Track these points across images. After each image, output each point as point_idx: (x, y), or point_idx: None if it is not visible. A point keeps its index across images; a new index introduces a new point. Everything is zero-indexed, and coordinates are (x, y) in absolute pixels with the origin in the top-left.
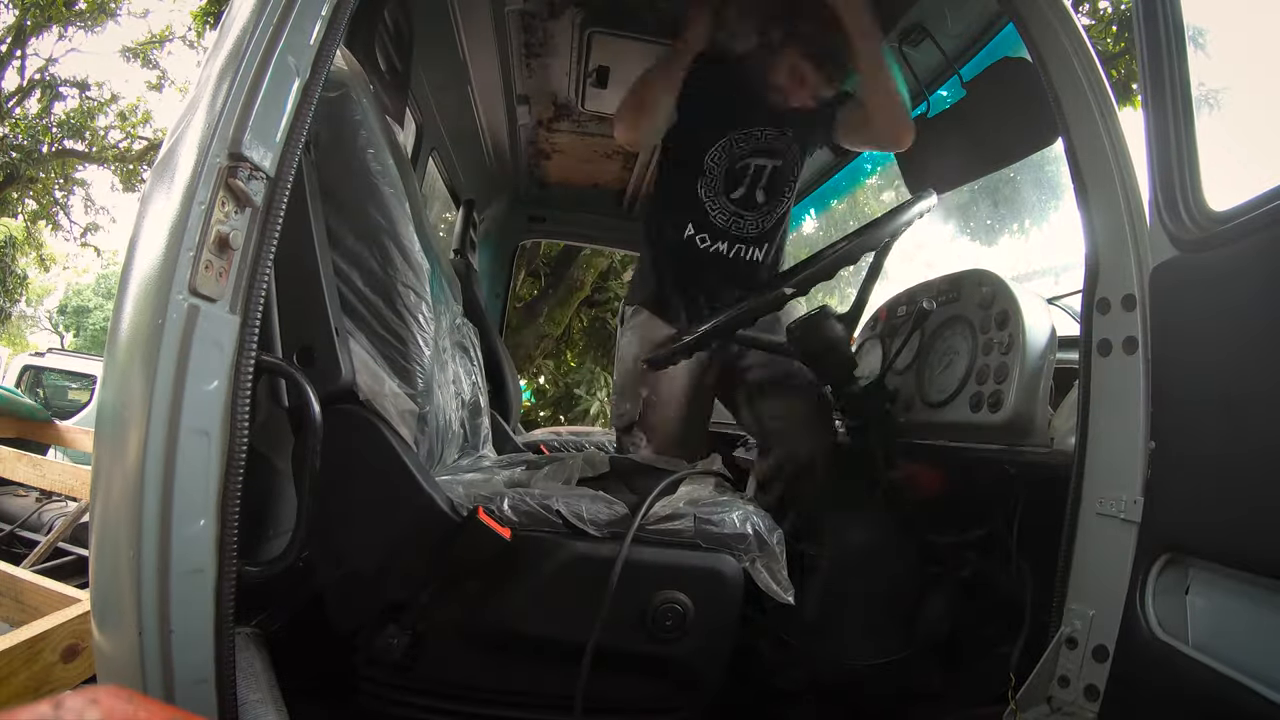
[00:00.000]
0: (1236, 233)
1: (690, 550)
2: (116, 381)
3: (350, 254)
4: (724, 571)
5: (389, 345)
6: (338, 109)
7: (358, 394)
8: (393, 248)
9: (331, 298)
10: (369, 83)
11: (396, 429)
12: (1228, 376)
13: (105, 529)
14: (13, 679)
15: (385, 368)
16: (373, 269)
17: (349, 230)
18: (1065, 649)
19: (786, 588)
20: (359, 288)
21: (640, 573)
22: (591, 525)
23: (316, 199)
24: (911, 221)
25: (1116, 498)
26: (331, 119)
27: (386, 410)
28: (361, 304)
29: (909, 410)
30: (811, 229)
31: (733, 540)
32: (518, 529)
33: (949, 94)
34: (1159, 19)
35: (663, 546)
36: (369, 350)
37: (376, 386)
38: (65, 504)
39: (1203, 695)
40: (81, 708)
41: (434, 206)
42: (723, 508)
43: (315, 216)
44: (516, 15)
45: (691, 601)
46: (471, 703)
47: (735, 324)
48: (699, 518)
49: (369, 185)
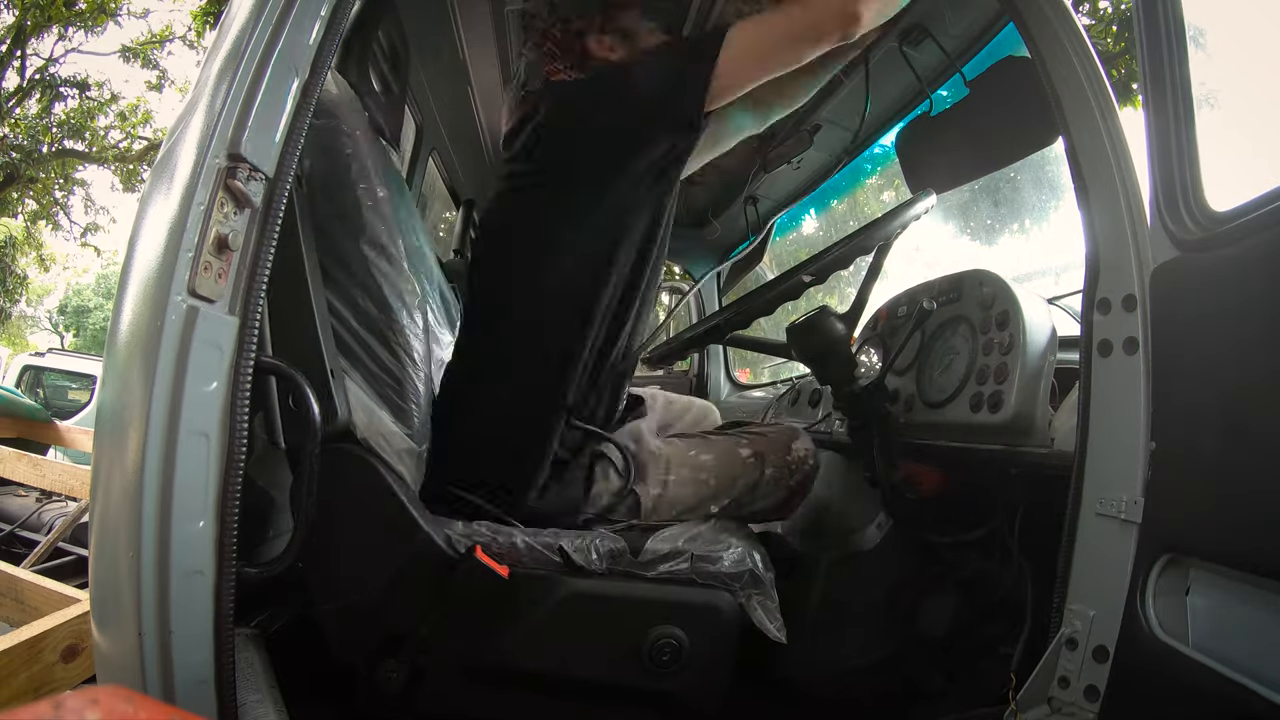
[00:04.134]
0: (1237, 233)
1: (687, 587)
2: (116, 382)
3: (344, 292)
4: (720, 607)
5: (385, 384)
6: (328, 140)
7: (355, 433)
8: (386, 284)
9: (326, 337)
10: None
11: (394, 467)
12: (1228, 377)
13: (105, 529)
14: (13, 679)
15: (382, 406)
16: (367, 307)
17: (341, 267)
18: (1065, 649)
19: (780, 627)
20: (353, 326)
21: (637, 608)
22: (592, 562)
23: (309, 236)
24: (911, 222)
25: (1117, 498)
26: (323, 151)
27: (384, 449)
28: (356, 343)
29: (909, 410)
30: (811, 229)
31: (729, 578)
32: (516, 567)
33: (950, 93)
34: (1159, 19)
35: (659, 583)
36: (365, 389)
37: (374, 425)
38: (65, 504)
39: (1203, 696)
40: (81, 708)
41: (434, 206)
42: (720, 545)
43: (308, 254)
44: (516, 15)
45: (688, 636)
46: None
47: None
48: (696, 555)
49: (361, 220)
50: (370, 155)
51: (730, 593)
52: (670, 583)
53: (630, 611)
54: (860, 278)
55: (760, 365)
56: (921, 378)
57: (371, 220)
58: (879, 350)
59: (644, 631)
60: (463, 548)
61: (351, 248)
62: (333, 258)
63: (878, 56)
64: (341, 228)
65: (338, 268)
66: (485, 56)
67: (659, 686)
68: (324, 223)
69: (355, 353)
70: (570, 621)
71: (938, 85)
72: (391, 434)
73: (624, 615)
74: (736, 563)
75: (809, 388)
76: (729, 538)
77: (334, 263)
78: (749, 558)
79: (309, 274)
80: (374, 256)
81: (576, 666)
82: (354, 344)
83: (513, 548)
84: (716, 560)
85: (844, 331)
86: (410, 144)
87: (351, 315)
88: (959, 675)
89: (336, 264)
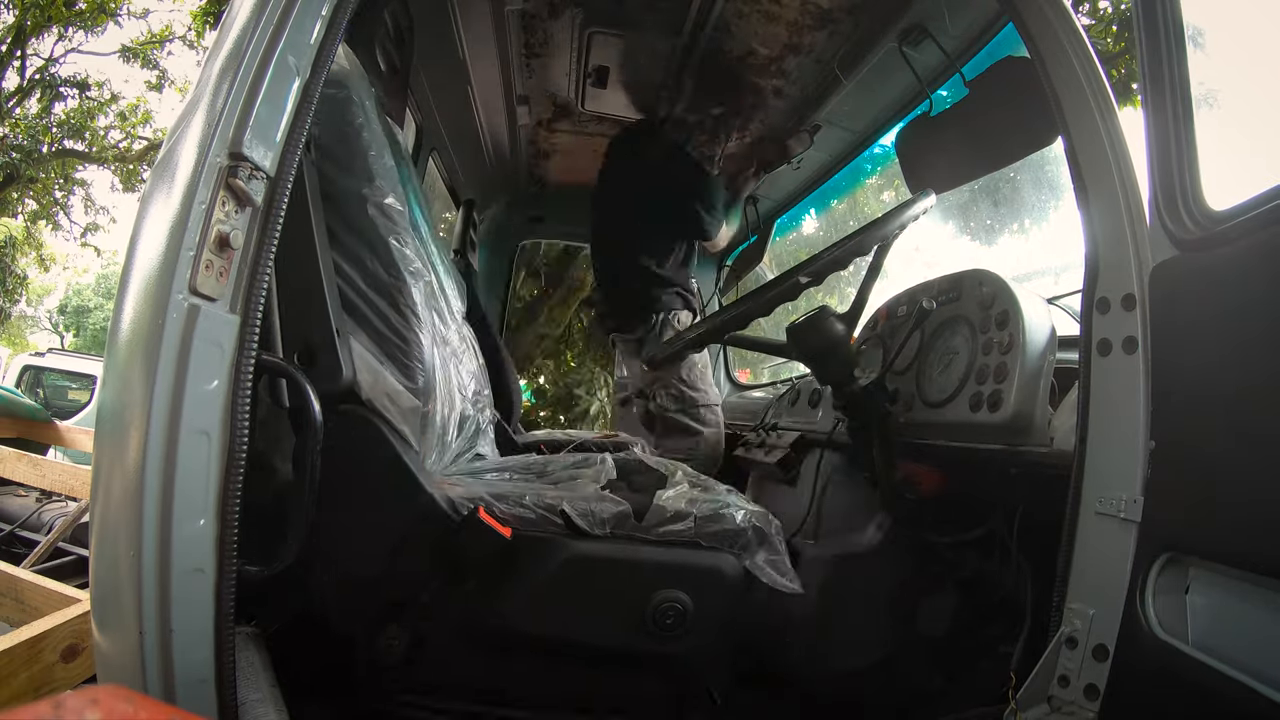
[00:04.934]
0: (1236, 232)
1: (690, 549)
2: (116, 381)
3: (351, 254)
4: (724, 569)
5: (391, 343)
6: (339, 109)
7: (359, 393)
8: (394, 246)
9: (332, 298)
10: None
11: (398, 427)
12: (1228, 376)
13: (105, 529)
14: (13, 679)
15: (387, 366)
16: (374, 268)
17: (350, 230)
18: (1065, 648)
19: (792, 578)
20: (360, 287)
21: (640, 572)
22: (593, 524)
23: (317, 199)
24: (910, 222)
25: (1116, 497)
26: (333, 119)
27: (388, 409)
28: (363, 302)
29: (909, 410)
30: (811, 229)
31: (733, 537)
32: (519, 528)
33: (950, 93)
34: (1159, 19)
35: (663, 546)
36: (370, 349)
37: (378, 385)
38: (65, 504)
39: (1203, 695)
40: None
41: (434, 206)
42: (723, 506)
43: (316, 217)
44: (516, 15)
45: (692, 600)
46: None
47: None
48: (699, 517)
49: (371, 185)
50: (379, 124)
51: (734, 555)
52: (674, 545)
53: (633, 574)
54: (860, 278)
55: (760, 365)
56: (921, 377)
57: (381, 185)
58: (879, 350)
59: (647, 595)
60: (465, 509)
61: (359, 210)
62: (341, 221)
63: (878, 56)
64: (351, 192)
65: (345, 230)
66: (485, 56)
67: (662, 650)
68: (332, 187)
69: (363, 313)
70: (573, 584)
71: (938, 85)
72: (397, 393)
73: (627, 578)
74: (740, 522)
75: (809, 388)
76: (732, 498)
77: (342, 226)
78: (753, 516)
79: (316, 237)
80: (381, 220)
81: (579, 630)
82: (362, 304)
83: (515, 509)
84: (720, 519)
85: (844, 331)
86: (410, 144)
87: (359, 276)
88: (959, 675)
89: (344, 227)
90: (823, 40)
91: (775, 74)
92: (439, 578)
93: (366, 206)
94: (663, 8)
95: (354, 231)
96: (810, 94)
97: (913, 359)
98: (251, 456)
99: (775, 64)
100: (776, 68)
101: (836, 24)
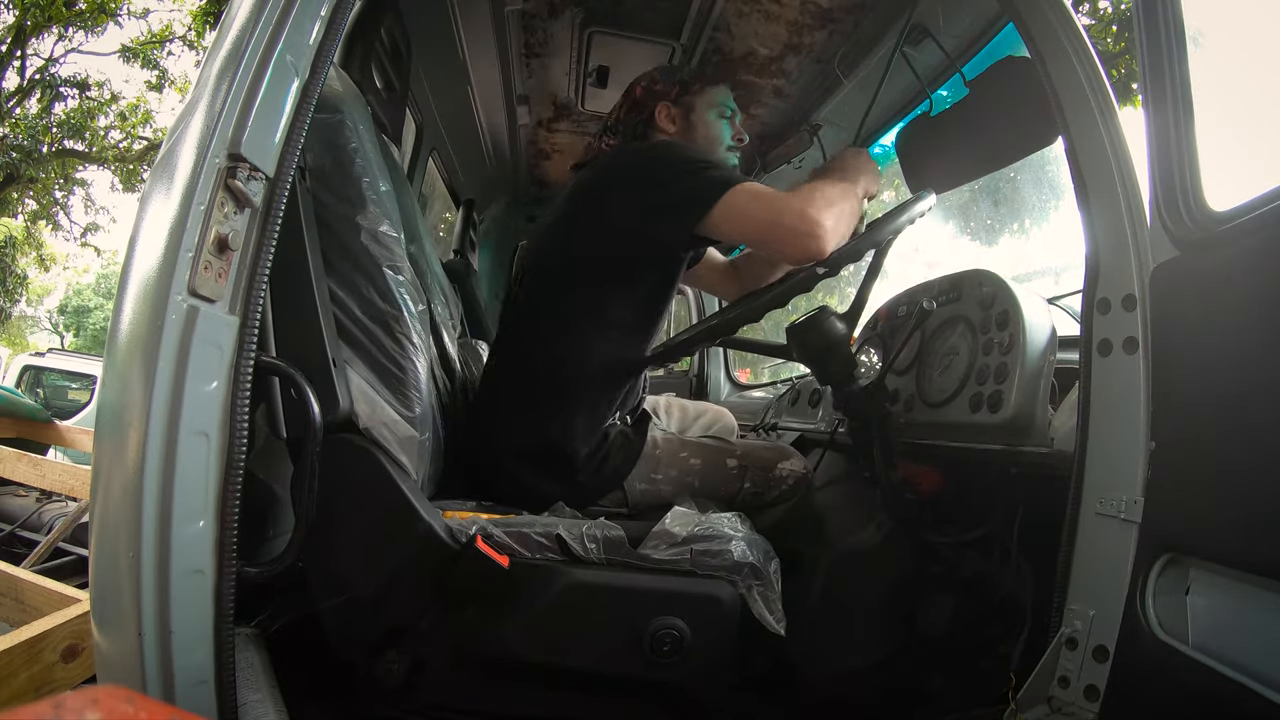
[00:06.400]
0: (1237, 233)
1: (687, 577)
2: (116, 382)
3: (347, 282)
4: (721, 598)
5: (387, 373)
6: (332, 135)
7: (356, 423)
8: (389, 274)
9: (328, 327)
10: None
11: (396, 456)
12: (1228, 376)
13: (105, 529)
14: (13, 679)
15: (384, 395)
16: (370, 296)
17: (345, 257)
18: (1065, 649)
19: (780, 618)
20: (356, 315)
21: (637, 599)
22: (589, 550)
23: (312, 227)
24: (910, 222)
25: (1116, 498)
26: (327, 146)
27: (386, 438)
28: (360, 331)
29: (909, 410)
30: None
31: (730, 570)
32: (516, 556)
33: (950, 93)
34: (1159, 19)
35: (660, 574)
36: (367, 378)
37: (376, 414)
38: (65, 504)
39: (1203, 695)
40: (81, 708)
41: (434, 206)
42: (721, 537)
43: (311, 246)
44: (516, 15)
45: (689, 627)
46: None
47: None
48: (697, 547)
49: (365, 212)
50: (373, 149)
51: (731, 584)
52: (671, 573)
53: (631, 602)
54: (860, 278)
55: (760, 365)
56: (921, 378)
57: (375, 212)
58: (879, 350)
59: (645, 622)
60: (464, 538)
61: (354, 238)
62: (336, 248)
63: (878, 56)
64: (345, 219)
65: (341, 258)
66: (485, 56)
67: (660, 677)
68: (327, 214)
69: (359, 341)
70: (571, 611)
71: (938, 85)
72: (394, 422)
73: (625, 605)
74: (738, 555)
75: (809, 388)
76: (731, 529)
77: (337, 253)
78: (751, 550)
79: (311, 265)
80: (376, 247)
81: (577, 657)
82: (358, 332)
83: (512, 538)
84: (718, 553)
85: (844, 331)
86: (410, 144)
87: (355, 304)
88: (959, 675)
89: (340, 254)
90: (823, 40)
91: (775, 74)
92: (438, 605)
93: (361, 234)
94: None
95: (349, 259)
96: (810, 94)
97: (913, 359)
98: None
99: (775, 64)
100: (776, 68)
101: (836, 24)
